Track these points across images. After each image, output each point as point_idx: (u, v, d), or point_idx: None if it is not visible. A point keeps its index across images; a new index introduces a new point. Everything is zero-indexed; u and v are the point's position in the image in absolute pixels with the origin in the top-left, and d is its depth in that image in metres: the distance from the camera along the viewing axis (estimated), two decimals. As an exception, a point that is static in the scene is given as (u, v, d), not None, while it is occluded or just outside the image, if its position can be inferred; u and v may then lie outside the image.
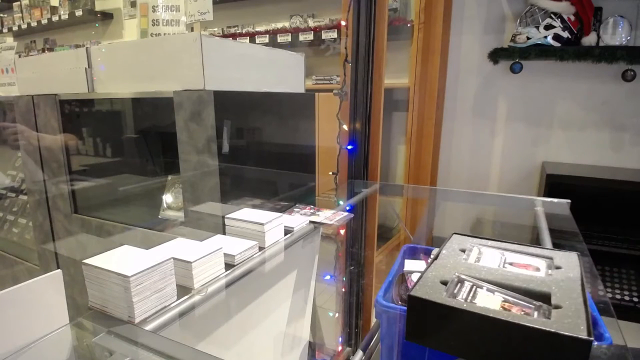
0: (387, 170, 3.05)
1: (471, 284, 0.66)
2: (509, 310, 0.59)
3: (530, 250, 0.80)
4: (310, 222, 1.08)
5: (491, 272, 0.70)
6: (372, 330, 1.13)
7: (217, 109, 1.08)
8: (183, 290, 0.71)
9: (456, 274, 0.69)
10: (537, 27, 2.33)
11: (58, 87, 1.46)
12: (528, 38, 2.34)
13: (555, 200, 1.27)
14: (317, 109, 1.63)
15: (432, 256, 0.84)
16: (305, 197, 1.55)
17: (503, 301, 0.62)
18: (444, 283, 0.67)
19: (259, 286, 0.99)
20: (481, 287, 0.65)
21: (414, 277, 0.91)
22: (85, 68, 1.34)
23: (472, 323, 0.57)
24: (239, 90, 1.22)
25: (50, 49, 4.48)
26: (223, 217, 0.96)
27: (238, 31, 3.35)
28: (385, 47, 1.48)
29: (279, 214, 0.96)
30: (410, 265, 0.96)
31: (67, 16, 4.15)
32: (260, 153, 1.35)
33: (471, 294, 0.63)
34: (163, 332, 0.62)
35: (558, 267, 0.72)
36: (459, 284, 0.66)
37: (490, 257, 0.77)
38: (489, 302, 0.61)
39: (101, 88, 1.34)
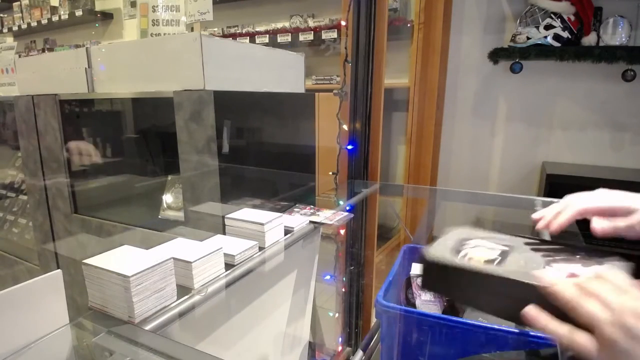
0: (387, 170, 3.05)
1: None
2: None
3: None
4: (310, 222, 1.08)
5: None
6: (372, 330, 1.13)
7: (217, 109, 1.07)
8: (183, 290, 0.70)
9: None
10: (537, 27, 2.33)
11: (58, 87, 1.45)
12: (528, 38, 2.34)
13: (556, 200, 1.26)
14: (317, 109, 1.63)
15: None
16: (305, 197, 1.55)
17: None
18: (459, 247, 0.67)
19: (259, 286, 0.99)
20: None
21: (420, 281, 0.91)
22: (85, 68, 1.34)
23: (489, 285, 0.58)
24: (239, 90, 1.22)
25: (50, 49, 4.47)
26: (223, 217, 0.96)
27: (238, 31, 3.35)
28: (385, 47, 1.48)
29: (279, 214, 0.96)
30: (416, 268, 0.96)
31: (67, 16, 4.15)
32: (260, 153, 1.34)
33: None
34: (163, 332, 0.62)
35: None
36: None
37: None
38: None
39: (101, 88, 1.34)
